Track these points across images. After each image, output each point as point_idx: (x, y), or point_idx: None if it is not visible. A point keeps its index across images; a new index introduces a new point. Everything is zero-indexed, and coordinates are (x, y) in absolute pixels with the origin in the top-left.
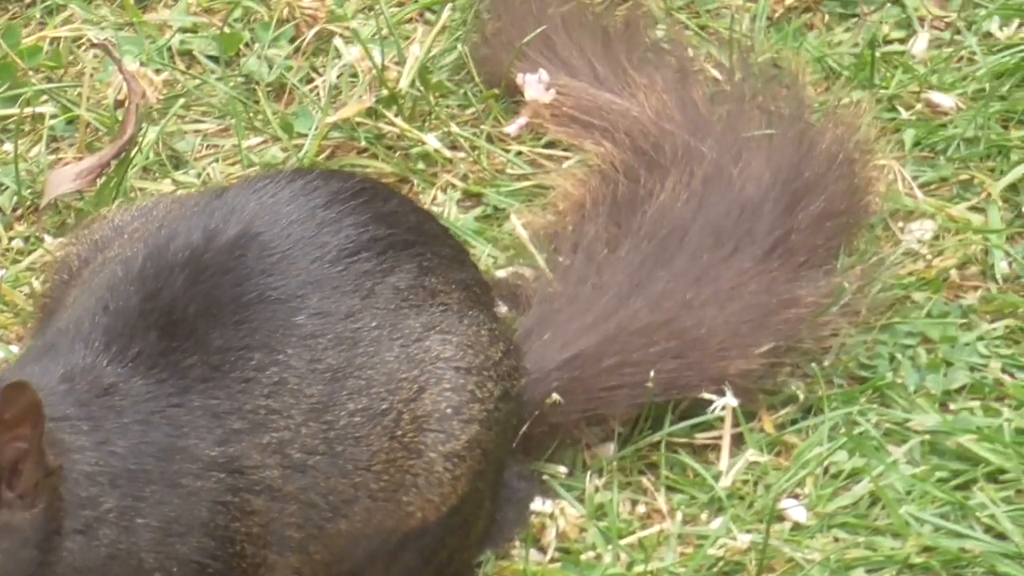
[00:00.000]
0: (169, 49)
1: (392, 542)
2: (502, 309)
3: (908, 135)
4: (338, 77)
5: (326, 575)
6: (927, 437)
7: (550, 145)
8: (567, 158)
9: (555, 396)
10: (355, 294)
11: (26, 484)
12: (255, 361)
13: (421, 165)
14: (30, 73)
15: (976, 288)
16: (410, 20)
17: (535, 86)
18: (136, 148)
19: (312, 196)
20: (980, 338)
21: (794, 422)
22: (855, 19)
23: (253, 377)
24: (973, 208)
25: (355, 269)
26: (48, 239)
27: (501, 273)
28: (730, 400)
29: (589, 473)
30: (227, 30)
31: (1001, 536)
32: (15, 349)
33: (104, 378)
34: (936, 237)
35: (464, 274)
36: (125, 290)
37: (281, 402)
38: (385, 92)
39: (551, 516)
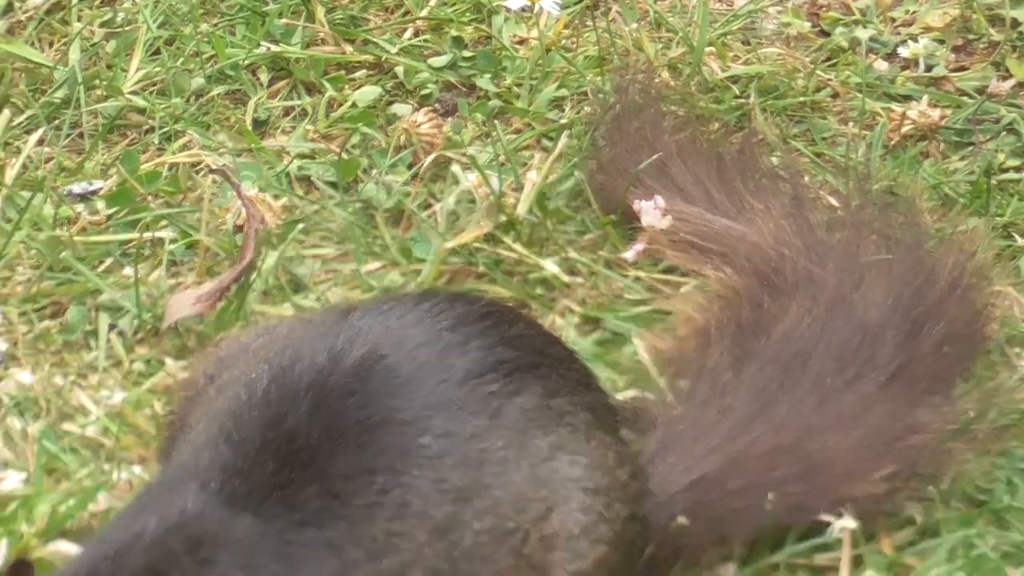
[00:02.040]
0: (287, 175)
1: None
2: (624, 432)
3: (1023, 262)
4: (456, 203)
5: None
6: None
7: (668, 271)
8: (685, 283)
9: (681, 519)
10: (481, 415)
11: None
12: (378, 485)
13: (539, 290)
14: (149, 198)
15: None
16: (527, 147)
17: (651, 212)
18: (256, 272)
19: (438, 319)
20: None
21: (912, 544)
22: (971, 147)
23: (376, 501)
24: None
25: (481, 391)
26: (169, 362)
27: (621, 397)
28: (849, 522)
29: None
30: (345, 156)
31: None
32: (138, 470)
33: (207, 526)
34: None
35: (590, 396)
36: (248, 416)
37: (404, 524)
38: (503, 218)
39: None
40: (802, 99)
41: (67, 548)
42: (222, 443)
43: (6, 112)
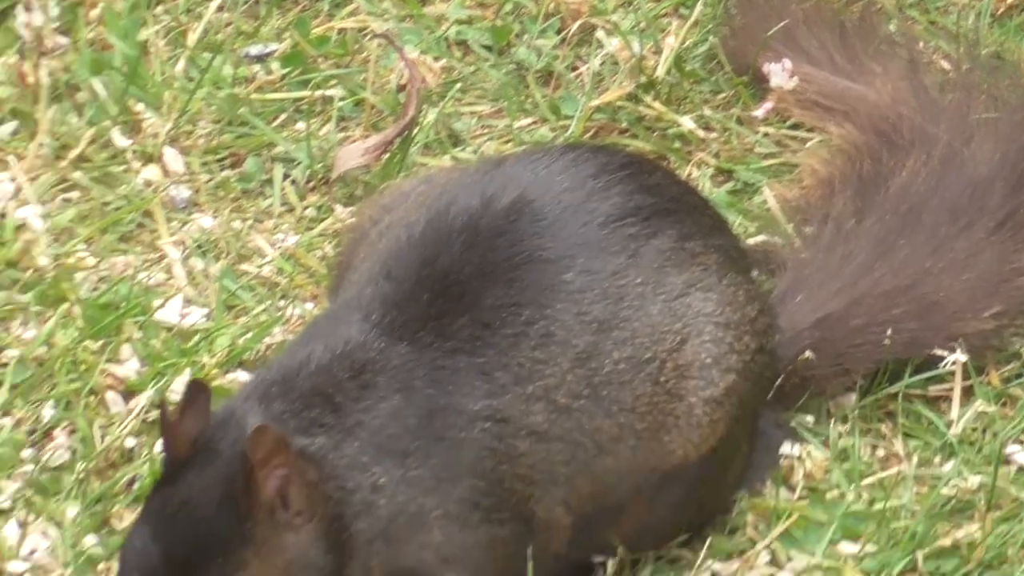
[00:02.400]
0: (446, 39)
1: (655, 479)
2: (754, 274)
3: None
4: (600, 65)
5: (592, 506)
6: None
7: (794, 127)
8: (810, 139)
9: (808, 353)
10: (621, 254)
11: (297, 503)
12: (524, 316)
13: (677, 144)
14: (319, 60)
15: None
16: (666, 15)
17: (780, 74)
18: (417, 128)
19: (582, 167)
20: None
21: (1018, 376)
22: None
23: (522, 331)
24: None
25: (621, 233)
26: (338, 208)
27: (751, 242)
28: (960, 356)
29: (833, 421)
30: (499, 22)
31: None
32: (309, 306)
33: (367, 354)
34: None
35: (722, 240)
36: (406, 255)
37: (548, 353)
38: (644, 79)
39: (799, 459)
40: None
41: (244, 377)
42: (383, 280)
43: None
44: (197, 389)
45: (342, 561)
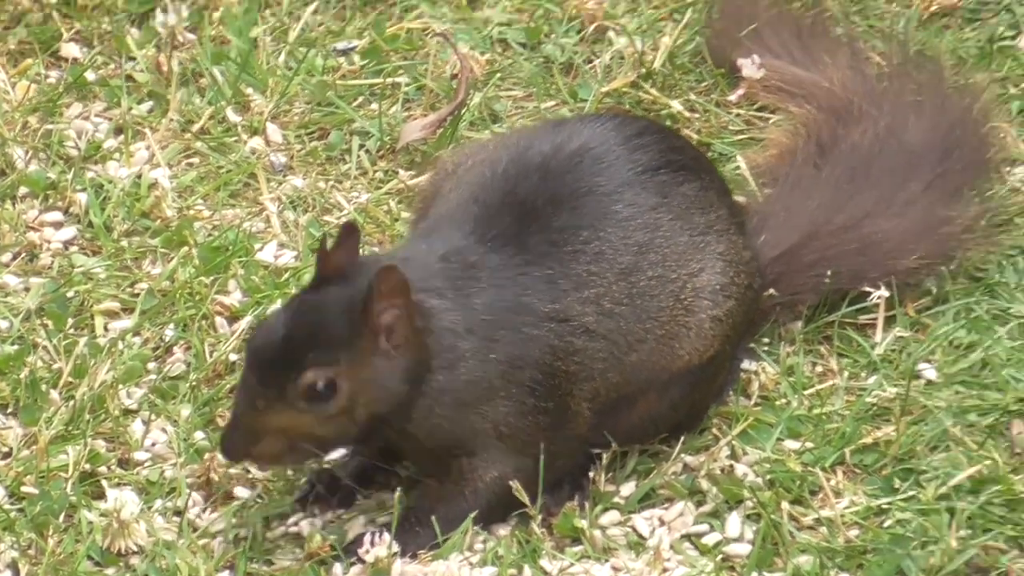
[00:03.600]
0: (490, 37)
1: (664, 377)
2: None
3: (1014, 105)
4: (610, 59)
5: (616, 394)
6: (1023, 320)
7: (760, 109)
8: (774, 119)
9: (771, 292)
10: (657, 195)
11: (398, 339)
12: (583, 236)
13: (668, 122)
14: (391, 54)
15: None
16: (663, 19)
17: (750, 66)
18: (465, 108)
19: (628, 127)
20: None
21: (928, 308)
22: (979, 22)
23: (581, 248)
24: None
25: (658, 178)
26: (401, 172)
27: None
28: (884, 292)
29: (783, 343)
30: (532, 24)
31: None
32: (376, 250)
33: (470, 256)
34: None
35: (727, 197)
36: (492, 186)
37: (599, 267)
38: (643, 70)
39: (755, 373)
40: None
41: None
42: (472, 204)
43: None
44: (350, 229)
45: (412, 397)
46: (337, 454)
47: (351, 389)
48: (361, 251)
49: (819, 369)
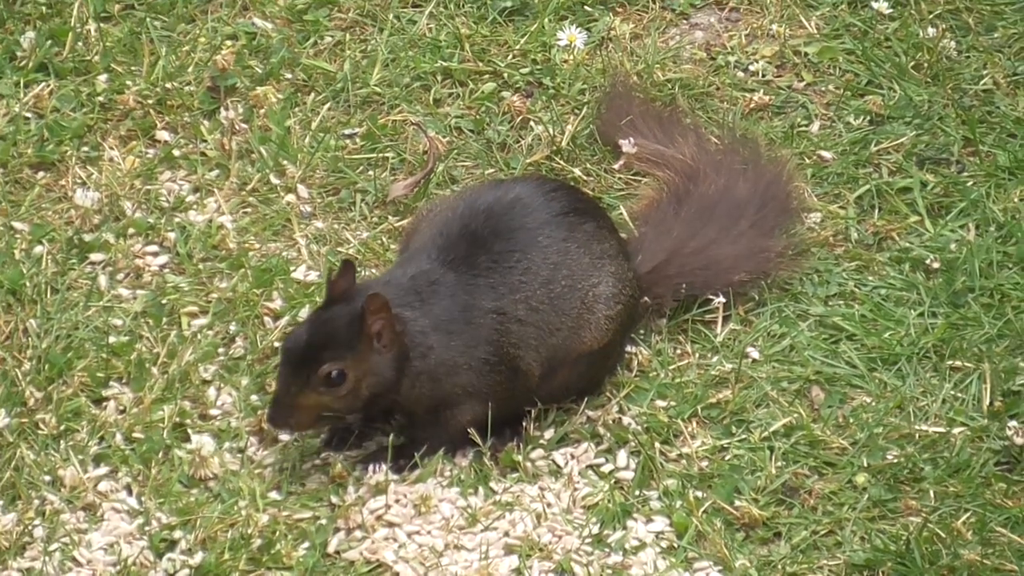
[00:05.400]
0: (449, 125)
1: (573, 356)
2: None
3: (809, 171)
4: (532, 140)
5: (548, 366)
6: (817, 318)
7: (636, 174)
8: (645, 180)
9: (646, 299)
10: (567, 230)
11: (385, 340)
12: (515, 257)
13: (573, 182)
14: (381, 136)
15: (841, 245)
16: (567, 113)
17: (628, 145)
18: (433, 174)
19: (546, 185)
20: (843, 270)
21: (753, 309)
22: (783, 115)
23: (514, 265)
24: (840, 207)
25: (567, 220)
26: (391, 218)
27: None
28: (721, 298)
29: (653, 333)
30: (477, 117)
31: (853, 365)
32: (374, 271)
33: (432, 276)
34: (822, 220)
35: (616, 234)
36: (451, 224)
37: (527, 278)
38: (555, 147)
39: (634, 353)
40: (701, 91)
41: None
42: (438, 236)
43: (312, 96)
44: (348, 264)
45: (399, 378)
46: (350, 419)
47: (355, 376)
48: (359, 276)
49: (678, 351)
